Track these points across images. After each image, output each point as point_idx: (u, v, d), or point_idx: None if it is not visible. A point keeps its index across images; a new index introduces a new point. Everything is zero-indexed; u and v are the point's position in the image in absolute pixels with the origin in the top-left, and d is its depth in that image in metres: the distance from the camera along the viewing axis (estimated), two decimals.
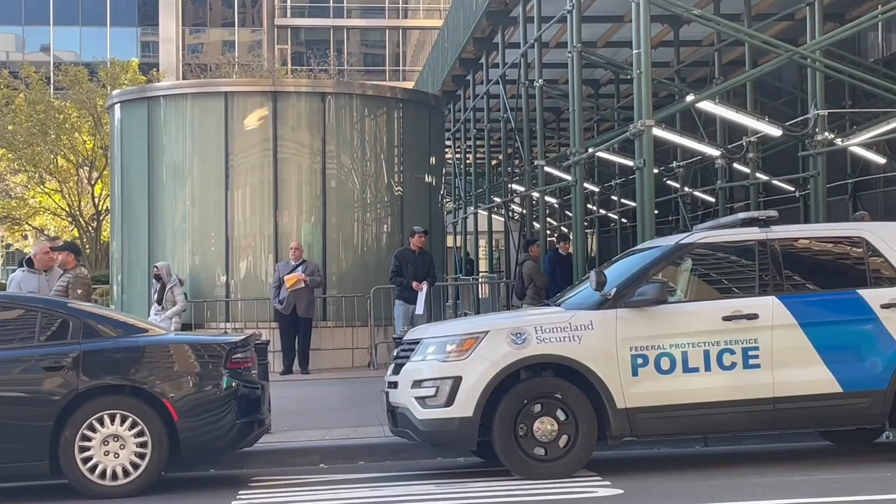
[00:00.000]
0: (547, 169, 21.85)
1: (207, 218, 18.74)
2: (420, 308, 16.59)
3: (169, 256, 18.41)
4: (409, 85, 46.90)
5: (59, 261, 12.67)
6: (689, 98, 16.37)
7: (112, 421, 8.82)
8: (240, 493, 8.88)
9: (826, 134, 16.03)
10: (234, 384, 9.16)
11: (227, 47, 64.88)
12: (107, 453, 8.80)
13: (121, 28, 65.02)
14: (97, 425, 8.79)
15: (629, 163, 19.57)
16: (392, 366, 9.66)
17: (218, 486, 9.48)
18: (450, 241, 32.85)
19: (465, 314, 24.90)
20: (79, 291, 11.75)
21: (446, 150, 30.23)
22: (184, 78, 55.56)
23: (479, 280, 32.05)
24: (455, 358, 8.90)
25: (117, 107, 20.28)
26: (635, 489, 8.29)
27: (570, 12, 16.87)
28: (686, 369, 8.84)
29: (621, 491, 8.20)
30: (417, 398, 8.97)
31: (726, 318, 8.94)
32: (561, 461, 8.78)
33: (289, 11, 68.12)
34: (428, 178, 20.63)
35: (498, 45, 24.05)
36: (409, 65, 67.55)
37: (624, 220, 32.26)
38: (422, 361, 9.12)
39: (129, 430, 8.82)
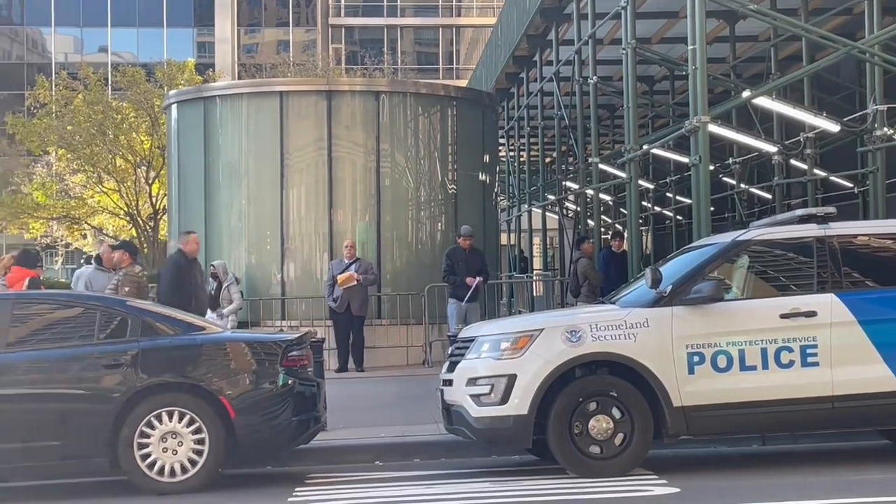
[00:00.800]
0: (601, 166, 21.76)
1: (263, 217, 18.88)
2: (465, 299, 16.59)
3: (225, 255, 18.56)
4: (463, 83, 46.90)
5: (115, 259, 12.87)
6: (746, 94, 16.22)
7: (170, 418, 8.90)
8: (296, 489, 8.93)
9: (885, 129, 15.81)
10: (290, 382, 9.21)
11: (282, 47, 65.29)
12: (165, 450, 8.89)
13: (177, 29, 65.64)
14: (155, 422, 8.88)
15: (684, 159, 19.42)
16: (446, 364, 9.68)
17: (275, 483, 9.54)
18: (504, 238, 32.83)
19: (520, 312, 24.87)
20: (126, 289, 11.87)
21: (500, 147, 30.24)
22: (239, 78, 55.95)
23: (534, 278, 31.98)
24: (510, 356, 8.89)
25: (174, 107, 20.49)
26: (692, 488, 8.24)
27: (625, 8, 16.77)
28: (743, 367, 8.76)
29: (678, 489, 8.15)
30: (472, 396, 8.97)
31: (784, 316, 8.86)
32: (617, 459, 8.75)
33: (343, 11, 68.39)
34: (482, 177, 20.63)
35: (552, 42, 23.97)
36: (462, 63, 67.54)
37: (679, 218, 32.03)
38: (476, 359, 9.11)
39: (187, 426, 8.90)
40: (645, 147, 18.05)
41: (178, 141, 20.12)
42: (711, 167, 14.94)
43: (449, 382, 9.34)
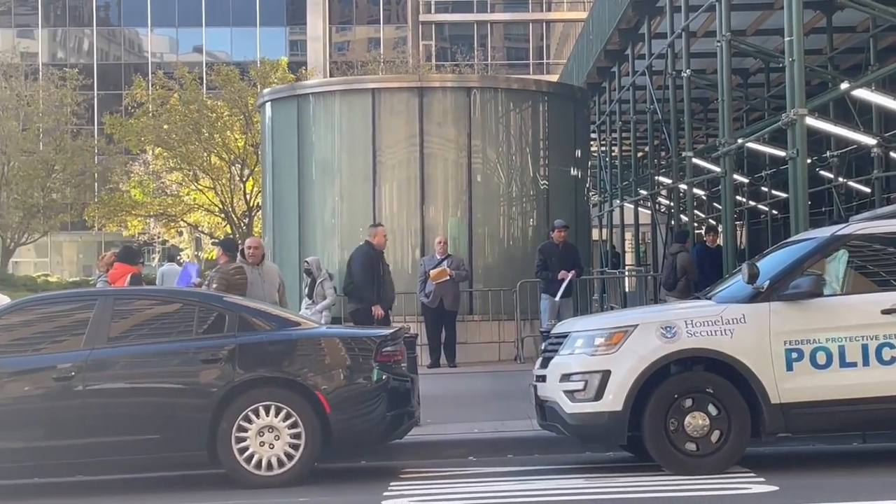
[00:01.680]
0: (694, 160, 21.51)
1: (355, 213, 19.00)
2: (558, 295, 16.50)
3: (318, 251, 18.72)
4: (554, 78, 46.76)
5: (215, 256, 13.08)
6: (844, 86, 15.94)
7: (267, 412, 8.99)
8: (391, 484, 8.98)
9: None
10: (384, 377, 9.25)
11: (373, 44, 65.71)
12: (262, 444, 8.98)
13: (270, 28, 66.48)
14: (252, 416, 8.97)
15: (780, 153, 19.12)
16: (540, 359, 9.66)
17: (370, 478, 9.61)
18: (595, 234, 32.67)
19: (612, 308, 24.72)
20: (214, 286, 11.98)
21: (592, 142, 30.07)
22: (330, 75, 56.46)
23: (626, 273, 31.76)
24: (604, 352, 8.84)
25: (268, 105, 20.72)
26: (790, 486, 8.11)
27: (719, 0, 16.56)
28: (843, 364, 8.60)
29: (776, 488, 8.03)
30: (566, 392, 8.93)
31: (885, 312, 8.67)
32: (713, 457, 8.65)
33: (433, 7, 68.63)
34: (573, 172, 20.53)
35: (644, 35, 23.78)
36: (552, 58, 67.34)
37: (775, 212, 31.58)
38: (570, 355, 9.08)
39: (284, 421, 8.98)
40: (740, 141, 17.82)
41: (272, 138, 20.35)
42: (808, 160, 14.70)
43: (542, 378, 9.32)
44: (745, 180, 30.83)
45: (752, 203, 34.26)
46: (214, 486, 9.32)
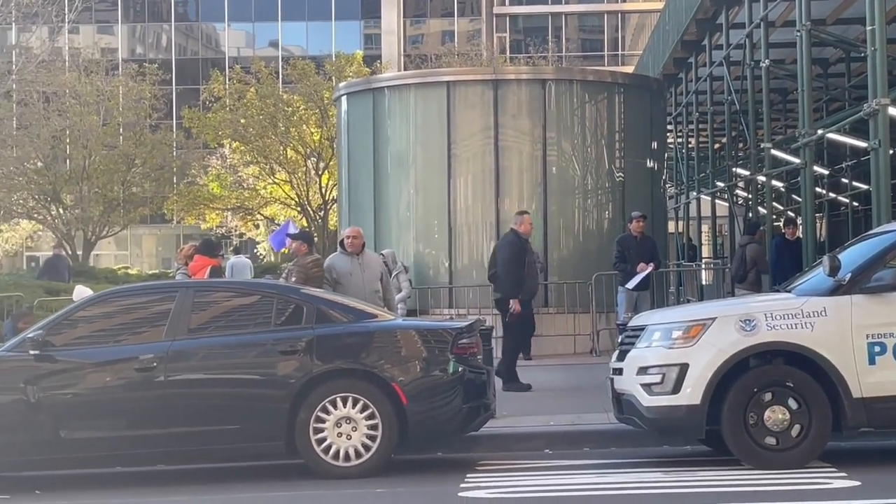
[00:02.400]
0: (773, 152, 21.24)
1: (431, 206, 19.05)
2: (632, 284, 16.32)
3: (394, 244, 18.81)
4: (628, 69, 46.42)
5: (292, 248, 13.16)
6: None
7: (344, 403, 9.05)
8: (468, 476, 8.99)
9: None
10: (460, 369, 9.28)
11: (447, 37, 65.75)
12: (339, 435, 9.04)
13: (345, 22, 66.81)
14: (330, 408, 9.04)
15: (862, 144, 18.79)
16: (616, 352, 9.62)
17: (446, 469, 9.63)
18: (671, 226, 32.39)
19: (689, 301, 24.50)
20: (293, 279, 12.07)
21: (668, 134, 29.81)
22: (405, 69, 56.59)
23: (702, 266, 31.45)
24: (681, 345, 8.79)
25: (343, 99, 20.85)
26: (873, 481, 8.00)
27: None
28: None
29: (858, 483, 7.92)
30: (643, 385, 8.90)
31: None
32: (793, 451, 8.56)
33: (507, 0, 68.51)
34: (650, 164, 20.38)
35: (721, 25, 23.51)
36: (627, 49, 66.86)
37: (856, 204, 31.05)
38: (647, 348, 9.04)
39: (361, 412, 9.04)
40: (820, 131, 17.56)
41: (348, 132, 20.47)
42: (891, 151, 14.45)
43: (619, 371, 9.28)
44: (825, 172, 30.33)
45: (832, 195, 33.73)
46: (292, 477, 9.41)
